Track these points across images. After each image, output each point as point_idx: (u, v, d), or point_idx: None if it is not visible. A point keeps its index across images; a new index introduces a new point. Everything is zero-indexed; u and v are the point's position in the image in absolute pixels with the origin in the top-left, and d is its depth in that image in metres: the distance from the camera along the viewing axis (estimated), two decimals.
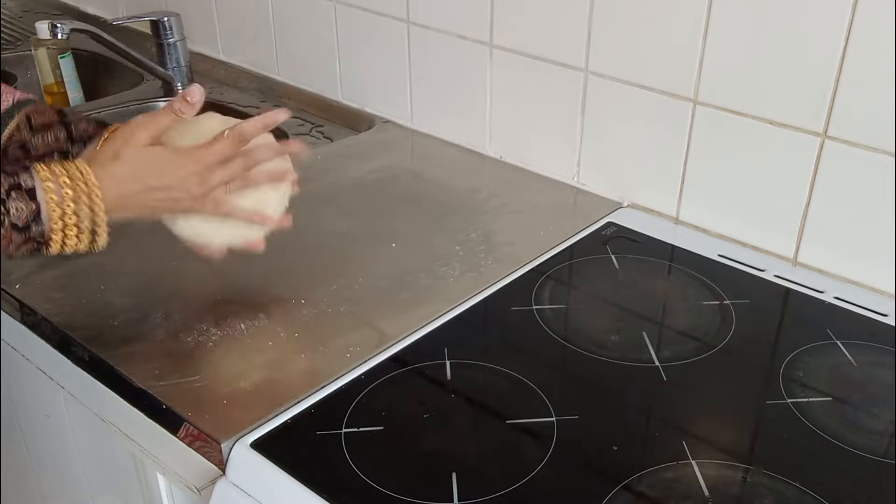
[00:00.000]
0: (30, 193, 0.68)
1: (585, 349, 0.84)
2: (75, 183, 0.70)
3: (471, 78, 1.20)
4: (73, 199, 0.70)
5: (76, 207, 0.70)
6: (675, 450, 0.71)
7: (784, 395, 0.78)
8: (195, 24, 1.54)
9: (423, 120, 1.30)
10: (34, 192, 0.69)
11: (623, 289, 0.95)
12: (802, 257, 0.98)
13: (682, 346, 0.85)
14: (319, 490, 0.67)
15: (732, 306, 0.90)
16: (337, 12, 1.33)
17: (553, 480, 0.68)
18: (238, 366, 0.80)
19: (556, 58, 1.10)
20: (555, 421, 0.74)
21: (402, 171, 1.20)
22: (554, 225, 1.05)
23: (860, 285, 0.94)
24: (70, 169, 0.71)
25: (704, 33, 0.96)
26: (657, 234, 1.04)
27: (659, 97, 1.02)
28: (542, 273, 0.96)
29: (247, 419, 0.73)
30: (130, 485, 0.92)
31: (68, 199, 0.70)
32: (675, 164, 1.04)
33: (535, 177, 1.18)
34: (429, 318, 0.87)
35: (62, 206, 0.70)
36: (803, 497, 0.67)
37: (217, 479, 0.73)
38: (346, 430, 0.73)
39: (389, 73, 1.31)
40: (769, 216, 0.99)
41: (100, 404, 0.86)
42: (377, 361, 0.81)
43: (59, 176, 0.70)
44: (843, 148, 0.90)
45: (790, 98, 0.92)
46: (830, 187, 0.93)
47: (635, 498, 0.67)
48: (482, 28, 1.16)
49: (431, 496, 0.67)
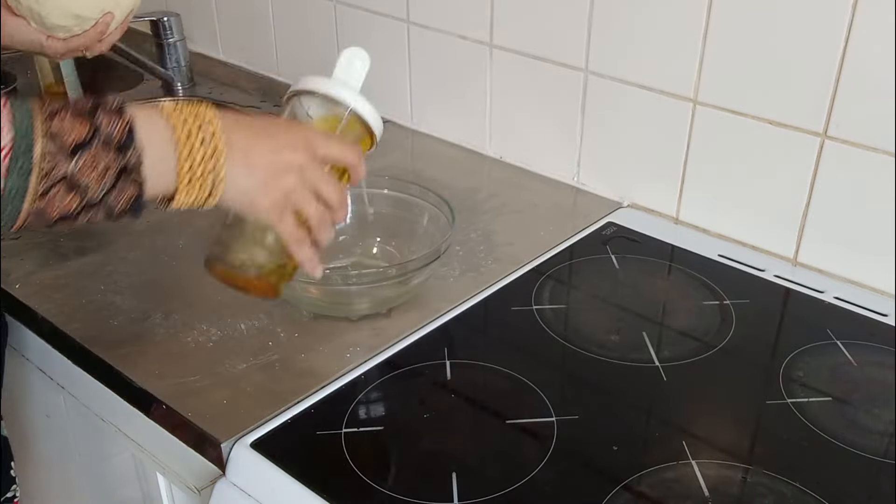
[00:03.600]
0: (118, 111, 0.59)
1: (585, 349, 0.84)
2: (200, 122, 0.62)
3: (471, 78, 1.20)
4: (201, 141, 0.62)
5: (204, 150, 0.62)
6: (675, 450, 0.71)
7: (784, 395, 0.78)
8: (195, 24, 1.54)
9: (423, 120, 1.30)
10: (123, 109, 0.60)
11: (623, 289, 0.95)
12: (802, 257, 0.98)
13: (682, 346, 0.85)
14: (319, 490, 0.67)
15: (732, 306, 0.90)
16: (337, 12, 1.33)
17: (553, 480, 0.68)
18: (238, 366, 0.80)
19: (556, 58, 1.10)
20: (555, 421, 0.74)
21: (402, 171, 1.20)
22: (554, 225, 1.05)
23: (860, 285, 0.94)
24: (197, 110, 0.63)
25: (704, 33, 0.96)
26: (657, 234, 1.04)
27: (659, 97, 1.02)
28: (542, 273, 0.96)
29: (247, 419, 0.73)
30: (130, 485, 0.92)
31: (195, 137, 0.61)
32: (675, 164, 1.04)
33: (535, 177, 1.18)
34: (429, 318, 0.87)
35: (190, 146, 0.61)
36: (803, 497, 0.67)
37: (217, 479, 0.73)
38: (346, 430, 0.73)
39: (389, 73, 1.31)
40: (769, 216, 0.99)
41: (100, 404, 0.86)
42: (377, 361, 0.81)
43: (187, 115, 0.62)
44: (843, 148, 0.90)
45: (790, 98, 0.92)
46: (830, 187, 0.93)
47: (635, 498, 0.67)
48: (482, 28, 1.16)
49: (431, 496, 0.67)
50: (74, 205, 0.59)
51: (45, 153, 0.56)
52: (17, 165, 0.56)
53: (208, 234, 0.99)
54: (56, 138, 0.57)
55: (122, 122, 0.59)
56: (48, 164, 0.57)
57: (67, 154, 0.57)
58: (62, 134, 0.57)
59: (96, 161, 0.58)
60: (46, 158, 0.57)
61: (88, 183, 0.58)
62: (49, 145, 0.57)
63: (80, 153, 0.58)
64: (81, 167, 0.58)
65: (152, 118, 0.62)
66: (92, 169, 0.58)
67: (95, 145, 0.58)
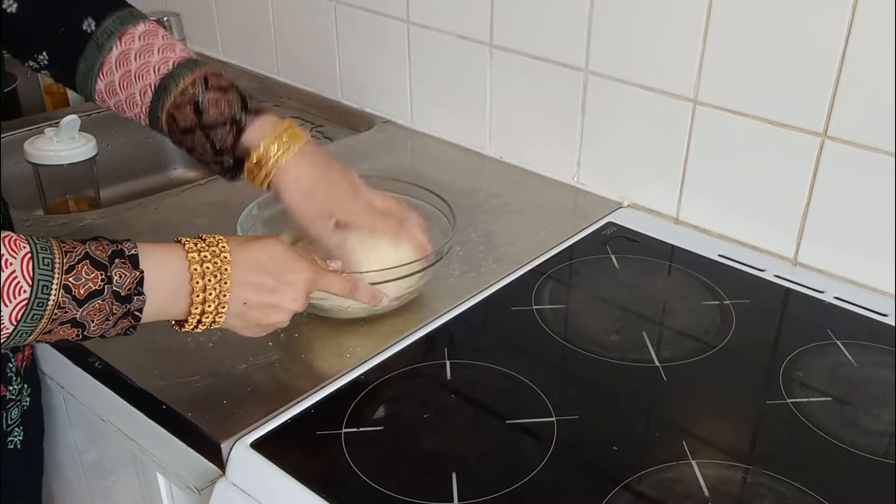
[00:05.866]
0: (132, 261, 0.64)
1: (585, 349, 0.84)
2: (214, 259, 0.67)
3: (471, 78, 1.20)
4: (213, 275, 0.67)
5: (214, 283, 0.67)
6: (675, 450, 0.71)
7: (784, 395, 0.78)
8: (195, 24, 1.54)
9: (423, 120, 1.30)
10: (137, 259, 0.64)
11: (623, 289, 0.95)
12: (802, 257, 0.98)
13: (682, 346, 0.85)
14: (319, 490, 0.67)
15: (732, 306, 0.90)
16: (337, 12, 1.33)
17: (553, 480, 0.68)
18: (238, 366, 0.80)
19: (556, 58, 1.10)
20: (555, 421, 0.74)
21: (402, 171, 1.20)
22: (554, 225, 1.05)
23: (860, 285, 0.94)
24: (211, 244, 0.68)
25: (704, 33, 0.96)
26: (657, 234, 1.04)
27: (659, 97, 1.02)
28: (542, 273, 0.96)
29: (247, 419, 0.73)
30: (130, 485, 0.92)
31: (209, 274, 0.67)
32: (675, 164, 1.04)
33: (535, 177, 1.18)
34: (429, 318, 0.87)
35: (203, 280, 0.67)
36: (803, 497, 0.67)
37: (217, 479, 0.73)
38: (346, 430, 0.73)
39: (389, 73, 1.31)
40: (769, 216, 0.99)
41: (100, 404, 0.86)
42: (377, 361, 0.81)
43: (202, 251, 0.67)
44: (843, 148, 0.90)
45: (790, 98, 0.92)
46: (830, 187, 0.93)
47: (635, 498, 0.67)
48: (482, 28, 1.16)
49: (431, 496, 0.67)
50: (73, 335, 0.64)
51: (58, 303, 0.61)
52: (28, 315, 0.60)
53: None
54: (70, 290, 0.61)
55: (133, 275, 0.64)
56: (58, 311, 0.61)
57: (78, 302, 0.62)
58: (77, 286, 0.61)
59: (103, 308, 0.63)
60: (58, 307, 0.61)
61: (91, 323, 0.63)
62: (62, 297, 0.61)
63: (89, 302, 0.62)
64: (88, 312, 0.62)
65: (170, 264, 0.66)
66: (97, 313, 0.63)
67: (105, 295, 0.63)
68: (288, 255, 0.72)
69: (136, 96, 0.80)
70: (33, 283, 0.59)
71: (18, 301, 0.59)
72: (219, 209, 1.06)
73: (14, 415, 0.85)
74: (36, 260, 0.60)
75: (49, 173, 1.20)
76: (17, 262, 0.59)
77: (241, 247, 0.69)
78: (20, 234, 0.60)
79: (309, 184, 0.80)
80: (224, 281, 0.68)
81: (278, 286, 0.70)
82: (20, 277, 0.59)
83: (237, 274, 0.68)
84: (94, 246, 0.63)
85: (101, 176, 1.26)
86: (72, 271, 0.61)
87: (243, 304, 0.69)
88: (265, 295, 0.70)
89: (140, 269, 0.64)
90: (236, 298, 0.69)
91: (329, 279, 0.75)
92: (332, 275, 0.76)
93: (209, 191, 1.12)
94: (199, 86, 0.79)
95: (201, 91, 0.79)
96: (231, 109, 0.79)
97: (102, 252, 0.63)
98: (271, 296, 0.70)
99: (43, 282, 0.60)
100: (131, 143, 1.40)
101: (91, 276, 0.62)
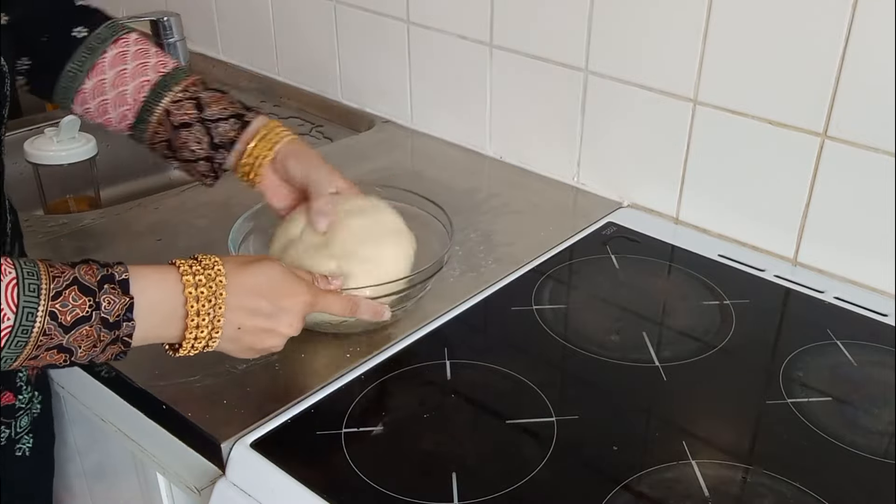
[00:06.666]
0: (122, 286, 0.62)
1: (585, 349, 0.84)
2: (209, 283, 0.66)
3: (471, 78, 1.20)
4: (207, 299, 0.65)
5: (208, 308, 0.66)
6: (675, 450, 0.71)
7: (784, 395, 0.78)
8: (195, 24, 1.54)
9: (423, 120, 1.30)
10: (127, 284, 0.63)
11: (623, 289, 0.95)
12: (802, 257, 0.98)
13: (682, 346, 0.85)
14: (319, 490, 0.67)
15: (732, 306, 0.90)
16: (337, 12, 1.33)
17: (553, 480, 0.68)
18: (238, 366, 0.80)
19: (556, 58, 1.10)
20: (555, 421, 0.74)
21: (402, 171, 1.20)
22: (554, 225, 1.05)
23: (860, 285, 0.94)
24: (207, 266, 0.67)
25: (704, 33, 0.96)
26: (657, 234, 1.04)
27: (659, 97, 1.02)
28: (542, 273, 0.96)
29: (247, 419, 0.73)
30: (130, 485, 0.92)
31: (203, 298, 0.65)
32: (675, 164, 1.04)
33: (535, 177, 1.18)
34: (429, 318, 0.87)
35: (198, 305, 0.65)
36: (803, 497, 0.67)
37: (217, 479, 0.73)
38: (346, 430, 0.73)
39: (389, 73, 1.31)
40: (769, 216, 0.99)
41: (100, 404, 0.86)
42: (377, 361, 0.81)
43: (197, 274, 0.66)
44: (843, 148, 0.90)
45: (790, 98, 0.92)
46: (830, 187, 0.93)
47: (635, 498, 0.67)
48: (482, 28, 1.16)
49: (431, 496, 0.67)
50: (61, 361, 0.62)
51: (44, 330, 0.60)
52: (12, 341, 0.59)
53: (208, 234, 1.00)
54: (56, 317, 0.60)
55: (123, 301, 0.62)
56: (44, 338, 0.60)
57: (65, 329, 0.60)
58: (64, 313, 0.60)
59: (90, 335, 0.61)
60: (43, 334, 0.60)
61: (78, 349, 0.62)
62: (48, 324, 0.60)
63: (76, 328, 0.61)
64: (75, 338, 0.61)
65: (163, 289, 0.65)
66: (84, 339, 0.61)
67: (93, 321, 0.61)
68: (286, 279, 0.70)
69: (129, 92, 0.83)
70: (17, 311, 0.58)
71: (2, 329, 0.58)
72: (219, 209, 1.06)
73: (24, 423, 0.85)
74: (21, 286, 0.58)
75: (49, 173, 1.20)
76: (2, 288, 0.58)
77: (237, 269, 0.68)
78: (6, 258, 0.59)
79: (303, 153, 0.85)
80: (219, 306, 0.66)
81: (274, 311, 0.69)
82: (4, 305, 0.58)
83: (232, 299, 0.67)
84: (83, 270, 0.62)
85: (101, 176, 1.26)
86: (59, 297, 0.60)
87: (237, 329, 0.68)
88: (260, 320, 0.69)
89: (130, 294, 0.63)
90: (230, 323, 0.67)
91: (328, 300, 0.74)
92: (330, 296, 0.75)
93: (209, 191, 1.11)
94: (199, 86, 0.85)
95: (202, 90, 0.85)
96: (234, 107, 0.85)
97: (91, 277, 0.61)
98: (267, 321, 0.69)
99: (28, 309, 0.59)
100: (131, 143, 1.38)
101: (79, 303, 0.60)
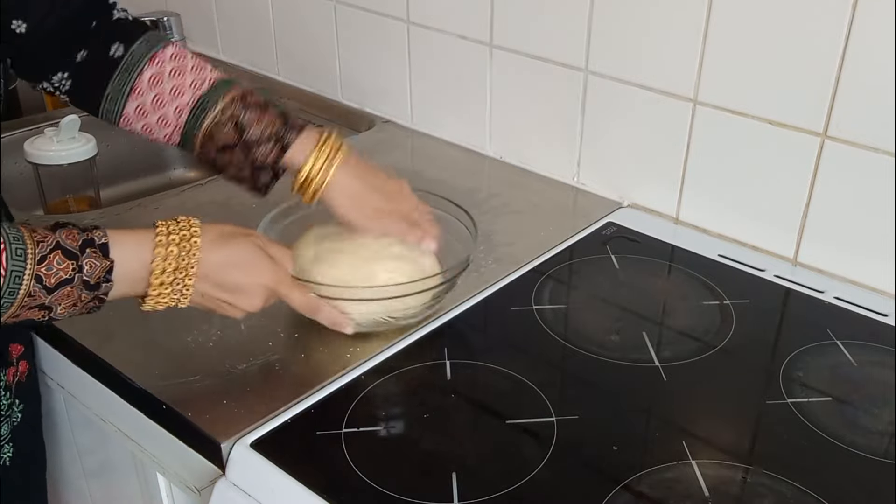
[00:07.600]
0: (102, 250, 0.66)
1: (585, 349, 0.84)
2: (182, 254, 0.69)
3: (471, 78, 1.20)
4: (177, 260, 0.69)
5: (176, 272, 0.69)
6: (675, 450, 0.71)
7: (784, 395, 0.78)
8: (195, 24, 1.54)
9: (423, 120, 1.30)
10: (107, 248, 0.66)
11: (623, 289, 0.95)
12: (802, 257, 0.98)
13: (682, 346, 0.85)
14: (319, 490, 0.67)
15: (732, 306, 0.90)
16: (337, 12, 1.33)
17: (553, 480, 0.68)
18: (238, 366, 0.80)
19: (556, 58, 1.10)
20: (555, 421, 0.74)
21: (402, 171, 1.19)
22: (554, 225, 1.05)
23: (860, 285, 0.94)
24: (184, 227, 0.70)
25: (704, 33, 0.96)
26: (657, 234, 1.04)
27: (659, 97, 1.02)
28: (542, 273, 0.96)
29: (247, 419, 0.73)
30: (130, 485, 0.92)
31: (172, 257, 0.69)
32: (675, 164, 1.04)
33: (535, 177, 1.18)
34: (429, 318, 0.87)
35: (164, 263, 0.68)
36: (803, 497, 0.67)
37: (217, 479, 0.73)
38: (346, 430, 0.73)
39: (389, 72, 1.31)
40: (769, 216, 0.99)
41: (100, 404, 0.86)
42: (377, 361, 0.81)
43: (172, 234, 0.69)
44: (843, 148, 0.90)
45: (790, 98, 0.92)
46: (830, 187, 0.93)
47: (635, 498, 0.67)
48: (482, 28, 1.16)
49: (431, 496, 0.67)
50: (40, 317, 0.66)
51: (29, 292, 0.63)
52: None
53: None
54: (42, 280, 0.63)
55: (104, 265, 0.66)
56: (28, 299, 0.64)
57: (48, 291, 0.64)
58: (48, 276, 0.64)
59: (71, 295, 0.65)
60: (28, 295, 0.63)
61: (59, 306, 0.65)
62: (34, 286, 0.63)
63: (59, 289, 0.64)
64: (57, 298, 0.65)
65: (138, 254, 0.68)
66: (65, 298, 0.65)
67: (75, 283, 0.65)
68: (255, 260, 0.74)
69: (170, 115, 0.81)
70: (7, 274, 0.61)
71: None
72: (219, 209, 1.06)
73: (3, 431, 0.85)
74: (9, 251, 0.62)
75: (49, 173, 1.20)
76: None
77: (211, 243, 0.71)
78: None
79: (356, 191, 0.82)
80: (189, 276, 0.70)
81: (236, 289, 0.73)
82: None
83: (201, 269, 0.71)
84: (64, 234, 0.65)
85: (101, 176, 1.26)
86: (43, 261, 0.63)
87: (201, 296, 0.72)
88: (223, 293, 0.73)
89: (110, 258, 0.66)
90: (196, 291, 0.71)
91: (290, 293, 0.77)
92: (294, 289, 0.77)
93: (209, 191, 1.12)
94: (238, 104, 0.81)
95: (241, 109, 0.80)
96: (273, 127, 0.80)
97: (73, 241, 0.65)
98: (229, 296, 0.73)
99: (15, 272, 0.62)
100: (131, 143, 1.40)
101: (62, 266, 0.64)
